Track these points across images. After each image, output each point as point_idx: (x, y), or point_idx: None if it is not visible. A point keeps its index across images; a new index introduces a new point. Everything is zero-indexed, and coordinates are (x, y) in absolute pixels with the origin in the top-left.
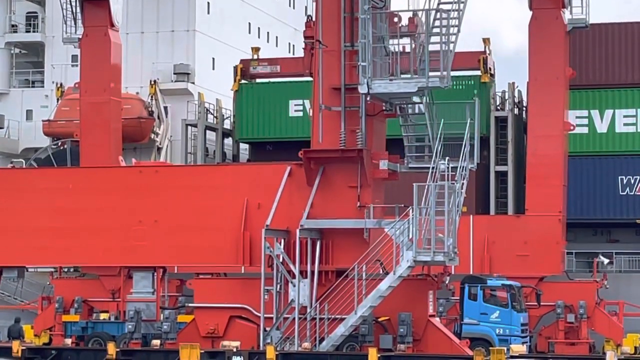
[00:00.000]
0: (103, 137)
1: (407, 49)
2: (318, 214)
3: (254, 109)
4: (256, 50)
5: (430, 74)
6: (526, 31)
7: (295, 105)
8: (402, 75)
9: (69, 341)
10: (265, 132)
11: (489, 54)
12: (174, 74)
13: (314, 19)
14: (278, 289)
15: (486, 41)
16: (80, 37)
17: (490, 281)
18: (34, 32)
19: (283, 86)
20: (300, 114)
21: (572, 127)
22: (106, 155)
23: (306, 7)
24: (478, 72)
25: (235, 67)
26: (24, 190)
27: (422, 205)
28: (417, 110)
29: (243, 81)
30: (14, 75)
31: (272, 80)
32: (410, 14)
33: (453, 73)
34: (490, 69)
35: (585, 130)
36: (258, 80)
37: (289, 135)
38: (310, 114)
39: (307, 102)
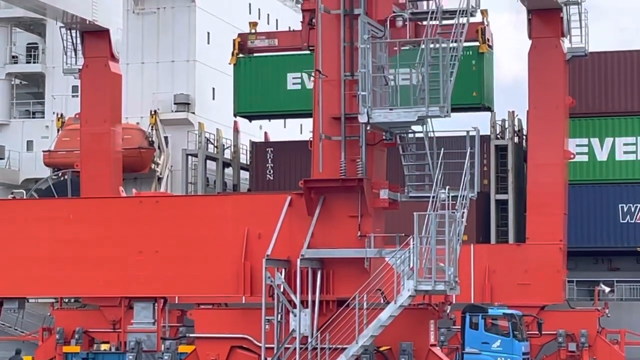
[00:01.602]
0: (103, 167)
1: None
2: (319, 244)
3: (252, 82)
4: (254, 24)
5: (430, 102)
6: (525, 60)
7: (293, 78)
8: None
9: None
10: (263, 106)
11: (487, 25)
12: (175, 104)
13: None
14: (279, 319)
15: (484, 12)
16: (80, 67)
17: (492, 310)
18: (34, 63)
19: (281, 59)
20: (299, 87)
21: (572, 156)
22: (107, 186)
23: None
24: (476, 43)
25: (234, 41)
26: (25, 221)
27: (422, 234)
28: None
29: (241, 55)
30: (14, 106)
31: (269, 54)
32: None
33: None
34: (488, 39)
35: (585, 158)
36: (256, 54)
37: (287, 109)
38: (310, 85)
39: (304, 75)
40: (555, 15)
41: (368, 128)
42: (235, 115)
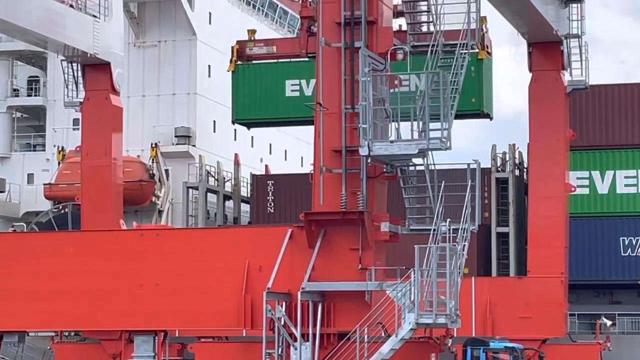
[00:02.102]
0: (104, 200)
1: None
2: (319, 277)
3: (251, 89)
4: (252, 32)
5: (431, 135)
6: (525, 92)
7: (292, 85)
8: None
9: None
10: (262, 113)
11: (485, 32)
12: (175, 136)
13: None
14: (280, 353)
15: (483, 19)
16: (81, 101)
17: (493, 343)
18: (35, 96)
19: (279, 66)
20: (297, 94)
21: (573, 189)
22: (107, 219)
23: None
24: (475, 50)
25: (232, 48)
26: (25, 254)
27: (423, 267)
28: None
29: (239, 63)
30: (15, 139)
31: (268, 60)
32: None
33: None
34: (487, 46)
35: (586, 191)
36: (254, 62)
37: (286, 115)
38: (309, 92)
39: (303, 82)
40: (555, 49)
41: (369, 161)
42: (233, 123)
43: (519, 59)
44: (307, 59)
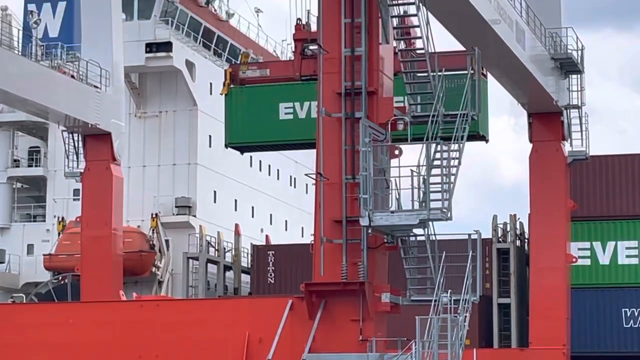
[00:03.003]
0: (104, 271)
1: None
2: (320, 348)
3: (244, 113)
4: (245, 56)
5: (432, 205)
6: (525, 162)
7: (286, 108)
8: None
9: None
10: (255, 136)
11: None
12: (176, 207)
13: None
14: None
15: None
16: (82, 171)
17: None
18: (36, 166)
19: (273, 89)
20: (291, 116)
21: (574, 259)
22: (107, 290)
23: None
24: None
25: (225, 72)
26: (25, 326)
27: (425, 339)
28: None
29: (232, 86)
30: (15, 209)
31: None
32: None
33: (446, 72)
34: (482, 67)
35: (587, 262)
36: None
37: (280, 139)
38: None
39: (297, 105)
40: (555, 119)
41: (369, 231)
42: (226, 147)
43: (518, 130)
44: (300, 82)
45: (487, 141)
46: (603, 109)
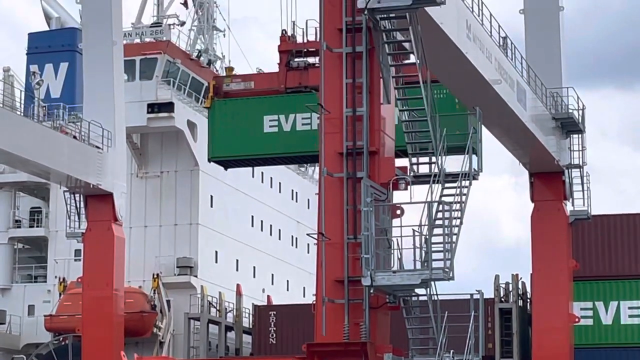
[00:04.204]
0: (105, 332)
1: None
2: None
3: (228, 126)
4: (230, 70)
5: (434, 265)
6: (526, 222)
7: (270, 120)
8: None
9: None
10: (239, 150)
11: None
12: (177, 267)
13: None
14: None
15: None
16: (83, 231)
17: None
18: (37, 227)
19: (257, 101)
20: (275, 129)
21: (577, 319)
22: (108, 351)
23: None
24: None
25: (208, 84)
26: None
27: None
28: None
29: (216, 99)
30: (16, 270)
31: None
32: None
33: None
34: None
35: (590, 322)
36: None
37: (264, 152)
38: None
39: (282, 117)
40: (557, 179)
41: (371, 291)
42: (209, 161)
43: (518, 189)
44: (285, 94)
45: (476, 153)
46: (603, 168)
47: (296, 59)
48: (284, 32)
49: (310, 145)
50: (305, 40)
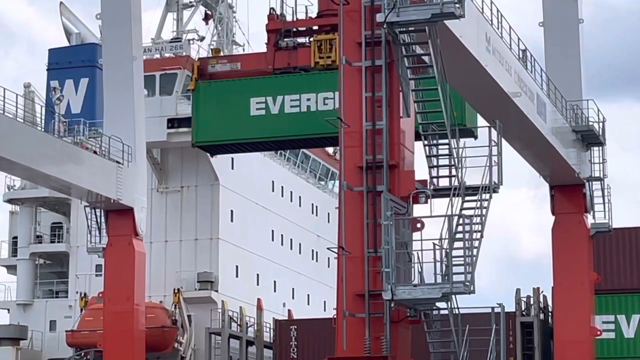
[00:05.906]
0: (126, 347)
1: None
2: None
3: (212, 109)
4: (217, 51)
5: (455, 279)
6: (546, 235)
7: (257, 103)
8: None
9: None
10: (224, 134)
11: None
12: (198, 282)
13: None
14: None
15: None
16: (104, 246)
17: None
18: (58, 242)
19: (243, 83)
20: (263, 112)
21: (599, 332)
22: None
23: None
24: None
25: (193, 66)
26: None
27: None
28: None
29: (200, 81)
30: (38, 285)
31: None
32: None
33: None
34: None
35: (612, 335)
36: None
37: (251, 137)
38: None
39: (269, 100)
40: (578, 191)
41: (392, 305)
42: (193, 146)
43: (537, 202)
44: (273, 75)
45: (475, 137)
46: (622, 181)
47: (285, 39)
48: (272, 10)
49: (299, 129)
50: (294, 19)
